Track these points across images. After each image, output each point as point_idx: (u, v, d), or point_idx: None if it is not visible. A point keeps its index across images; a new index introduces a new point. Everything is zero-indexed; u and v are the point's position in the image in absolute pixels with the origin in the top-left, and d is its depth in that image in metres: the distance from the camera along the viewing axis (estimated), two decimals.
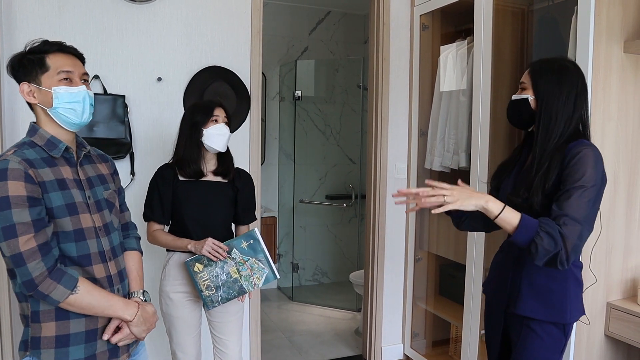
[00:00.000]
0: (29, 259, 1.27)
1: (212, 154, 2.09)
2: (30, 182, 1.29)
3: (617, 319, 2.09)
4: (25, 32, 2.27)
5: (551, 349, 1.60)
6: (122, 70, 2.48)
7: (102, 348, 1.43)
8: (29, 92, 1.38)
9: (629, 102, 2.09)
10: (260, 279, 2.01)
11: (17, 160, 1.29)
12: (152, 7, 2.52)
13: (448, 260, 3.02)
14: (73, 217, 1.37)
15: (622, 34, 2.03)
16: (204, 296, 2.00)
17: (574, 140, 1.54)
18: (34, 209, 1.29)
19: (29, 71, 1.37)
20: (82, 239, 1.39)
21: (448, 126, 2.89)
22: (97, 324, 1.42)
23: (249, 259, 2.01)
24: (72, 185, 1.40)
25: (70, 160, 1.43)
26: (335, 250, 4.96)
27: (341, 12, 4.78)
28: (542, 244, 1.39)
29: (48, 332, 1.36)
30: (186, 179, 2.07)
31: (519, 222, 1.42)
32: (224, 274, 2.00)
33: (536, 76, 1.58)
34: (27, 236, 1.27)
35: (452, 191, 1.45)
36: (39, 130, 1.40)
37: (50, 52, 1.38)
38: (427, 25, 3.06)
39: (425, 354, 3.16)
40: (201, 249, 1.97)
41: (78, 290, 1.34)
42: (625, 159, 2.10)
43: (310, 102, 4.68)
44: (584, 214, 1.43)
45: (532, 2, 2.62)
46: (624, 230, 2.14)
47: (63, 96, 1.37)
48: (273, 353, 3.38)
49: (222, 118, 2.07)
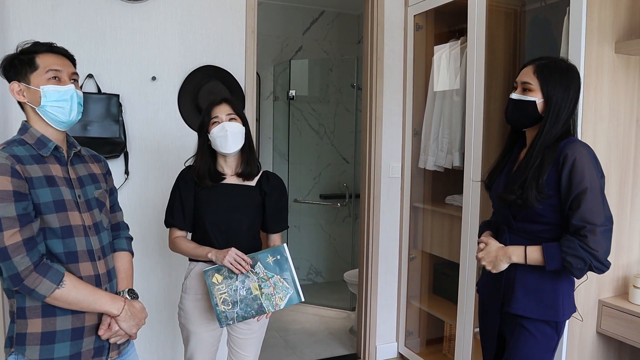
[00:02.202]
0: (13, 253, 1.28)
1: (232, 155, 1.95)
2: (17, 177, 1.30)
3: (609, 316, 2.11)
4: (18, 31, 2.26)
5: (544, 347, 1.62)
6: (116, 70, 2.47)
7: (87, 346, 1.43)
8: (19, 91, 1.40)
9: (620, 102, 2.11)
10: (283, 300, 1.83)
11: (4, 156, 1.31)
12: (146, 6, 2.51)
13: (442, 259, 3.04)
14: (60, 214, 1.38)
15: (614, 35, 2.05)
16: (219, 311, 1.81)
17: (564, 137, 1.57)
18: (20, 204, 1.30)
19: (19, 70, 1.39)
20: (69, 236, 1.40)
21: (442, 126, 2.91)
22: (83, 322, 1.42)
23: (273, 275, 1.83)
24: (62, 183, 1.41)
25: (60, 159, 1.44)
26: (329, 250, 4.97)
27: (335, 11, 4.79)
28: (571, 268, 1.50)
29: (34, 329, 1.36)
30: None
31: (543, 254, 1.53)
32: (244, 289, 1.81)
33: (545, 79, 1.56)
34: (12, 230, 1.28)
35: (484, 256, 1.67)
36: (30, 129, 1.41)
37: (40, 52, 1.40)
38: (421, 25, 3.07)
39: (419, 353, 3.17)
40: (223, 258, 1.80)
41: (64, 284, 1.34)
42: (616, 159, 2.12)
43: (304, 101, 4.68)
44: (600, 215, 1.50)
45: (525, 3, 2.64)
46: (615, 228, 2.12)
47: (51, 94, 1.39)
48: (268, 352, 3.38)
49: (225, 117, 1.90)
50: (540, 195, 1.53)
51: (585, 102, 2.01)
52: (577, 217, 1.49)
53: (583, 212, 1.48)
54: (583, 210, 1.48)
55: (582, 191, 1.48)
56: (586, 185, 1.48)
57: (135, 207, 2.52)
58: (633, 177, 2.18)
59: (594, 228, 1.47)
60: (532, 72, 1.58)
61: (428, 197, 3.18)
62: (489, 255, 1.64)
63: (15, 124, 2.28)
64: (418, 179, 3.17)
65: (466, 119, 2.61)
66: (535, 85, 1.57)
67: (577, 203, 1.49)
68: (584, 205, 1.48)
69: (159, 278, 2.62)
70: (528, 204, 1.54)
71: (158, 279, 2.62)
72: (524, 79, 1.60)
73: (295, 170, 4.68)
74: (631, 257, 2.22)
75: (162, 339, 2.67)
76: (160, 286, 2.63)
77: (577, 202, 1.49)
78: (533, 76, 1.58)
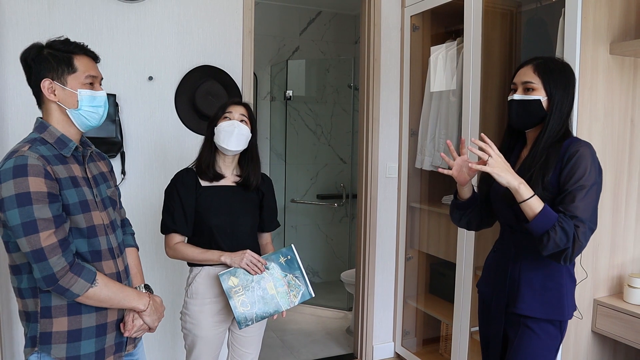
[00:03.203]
0: (50, 254, 1.29)
1: (231, 155, 1.93)
2: (50, 178, 1.31)
3: (604, 315, 2.12)
4: (14, 30, 2.26)
5: (548, 347, 1.62)
6: (113, 69, 2.47)
7: (110, 342, 1.47)
8: (50, 88, 1.39)
9: (615, 102, 2.12)
10: (297, 297, 1.90)
11: (35, 157, 1.31)
12: (143, 5, 2.51)
13: (438, 258, 3.05)
14: (86, 214, 1.40)
15: (608, 36, 2.07)
16: (238, 313, 1.83)
17: (567, 137, 1.58)
18: (54, 205, 1.31)
19: (53, 67, 1.38)
20: (94, 235, 1.42)
21: (438, 126, 2.92)
22: (106, 318, 1.45)
23: (286, 274, 1.91)
24: (83, 183, 1.43)
25: (78, 159, 1.46)
26: (326, 250, 4.98)
27: (332, 12, 4.80)
28: (554, 237, 1.44)
29: (60, 327, 1.38)
30: (209, 184, 1.92)
31: (541, 210, 1.47)
32: (261, 289, 1.86)
33: (547, 77, 1.56)
34: (48, 232, 1.29)
35: (498, 158, 1.49)
36: (49, 127, 1.40)
37: (77, 53, 1.41)
38: (417, 26, 3.08)
39: (416, 352, 3.18)
40: (240, 261, 1.83)
41: (97, 283, 1.37)
42: (611, 159, 2.13)
43: (301, 102, 4.68)
44: (590, 215, 1.49)
45: (521, 4, 2.65)
46: (610, 228, 2.17)
47: (88, 99, 1.41)
48: (264, 352, 3.38)
49: (238, 116, 1.90)
50: (545, 193, 1.53)
51: (581, 103, 2.02)
52: (568, 208, 1.48)
53: (576, 207, 1.47)
54: (575, 206, 1.47)
55: (579, 188, 1.48)
56: (584, 184, 1.48)
57: (132, 206, 2.52)
58: (628, 177, 2.19)
59: (582, 225, 1.47)
60: (532, 71, 1.58)
61: (425, 197, 3.19)
62: (504, 163, 1.50)
63: (9, 121, 2.28)
64: (415, 179, 3.18)
65: (462, 119, 2.62)
66: (538, 84, 1.57)
67: (572, 197, 1.48)
68: (578, 201, 1.47)
69: (156, 279, 2.62)
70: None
71: (155, 280, 2.62)
72: (524, 79, 1.59)
73: (292, 170, 4.69)
74: (626, 256, 2.23)
75: (161, 339, 2.66)
76: (158, 287, 2.63)
77: (572, 197, 1.48)
78: (534, 75, 1.58)
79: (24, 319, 1.42)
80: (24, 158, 1.29)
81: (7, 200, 1.26)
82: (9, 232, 1.32)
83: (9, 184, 1.26)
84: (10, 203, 1.26)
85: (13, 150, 1.34)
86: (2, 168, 1.29)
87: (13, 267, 1.39)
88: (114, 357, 1.49)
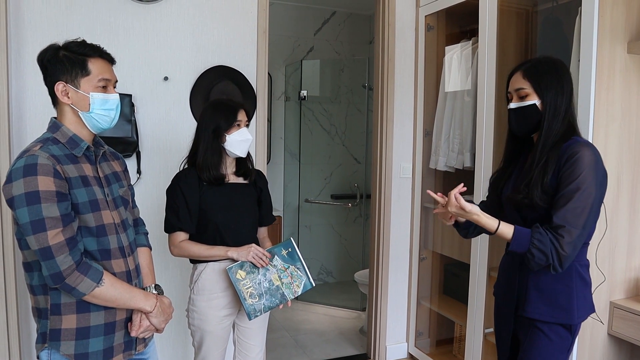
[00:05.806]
0: (57, 253, 1.31)
1: (232, 157, 2.03)
2: (59, 177, 1.33)
3: (621, 318, 2.09)
4: (32, 32, 2.30)
5: (558, 350, 1.60)
6: (129, 70, 2.51)
7: (119, 340, 1.48)
8: (64, 91, 1.40)
9: (633, 102, 2.09)
10: (300, 287, 1.99)
11: (45, 156, 1.33)
12: (159, 6, 2.54)
13: (452, 259, 3.03)
14: (95, 213, 1.42)
15: (626, 35, 2.04)
16: (247, 305, 1.92)
17: (569, 137, 1.56)
18: (62, 204, 1.33)
19: (67, 70, 1.39)
20: (103, 234, 1.44)
21: (453, 126, 2.90)
22: (115, 317, 1.46)
23: (289, 266, 1.99)
24: (93, 182, 1.44)
25: (90, 158, 1.47)
26: (340, 250, 4.98)
27: (346, 12, 4.80)
28: (532, 259, 1.50)
29: (69, 324, 1.40)
30: (212, 182, 1.97)
31: (512, 235, 1.52)
32: (267, 281, 1.95)
33: (536, 79, 1.56)
34: (56, 230, 1.31)
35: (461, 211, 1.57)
36: (62, 127, 1.42)
37: (92, 56, 1.41)
38: (432, 25, 3.07)
39: (429, 353, 3.17)
40: (247, 255, 1.91)
41: (103, 282, 1.38)
42: (628, 159, 2.10)
43: (315, 102, 4.69)
44: (582, 219, 1.47)
45: (537, 3, 2.63)
46: (627, 229, 2.14)
47: (100, 102, 1.42)
48: (278, 352, 3.39)
49: (245, 122, 1.99)
50: (544, 195, 1.52)
51: (597, 103, 1.99)
52: (559, 214, 1.47)
53: (566, 212, 1.46)
54: (567, 210, 1.46)
55: (573, 189, 1.46)
56: (578, 186, 1.45)
57: (147, 206, 2.54)
58: None
59: (572, 230, 1.45)
60: (522, 76, 1.59)
61: None
62: (453, 205, 1.57)
63: (29, 122, 2.32)
64: (429, 179, 3.17)
65: (477, 119, 2.61)
66: (529, 89, 1.57)
67: (565, 200, 1.47)
68: (570, 204, 1.46)
69: (169, 278, 2.65)
70: (533, 203, 1.53)
71: (169, 279, 2.64)
72: (516, 86, 1.60)
73: (306, 170, 4.70)
74: None
75: (174, 337, 2.69)
76: (171, 285, 2.65)
77: (565, 199, 1.47)
78: (524, 80, 1.58)
79: (35, 315, 1.45)
80: (34, 157, 1.31)
81: (17, 199, 1.29)
82: (21, 230, 1.35)
83: (20, 183, 1.29)
84: (20, 201, 1.29)
85: (25, 149, 1.37)
86: (13, 167, 1.32)
87: (25, 264, 1.42)
88: (123, 355, 1.50)
